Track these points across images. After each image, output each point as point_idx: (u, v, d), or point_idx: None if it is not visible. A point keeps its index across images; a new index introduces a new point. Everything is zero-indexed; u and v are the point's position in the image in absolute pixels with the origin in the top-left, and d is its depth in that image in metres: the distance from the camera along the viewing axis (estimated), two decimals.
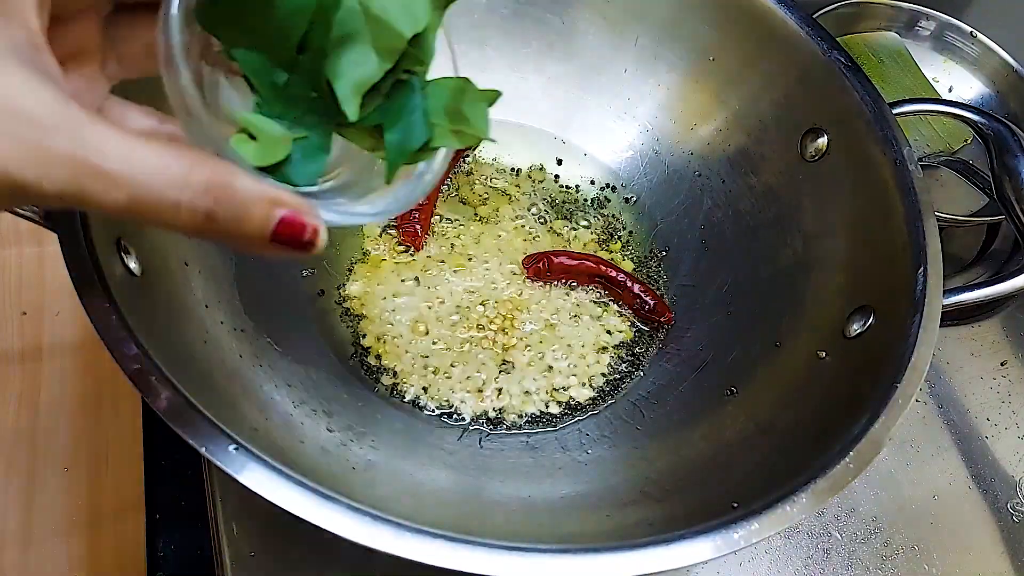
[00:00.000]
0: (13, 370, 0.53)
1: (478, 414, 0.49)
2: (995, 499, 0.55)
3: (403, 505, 0.38)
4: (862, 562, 0.51)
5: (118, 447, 0.51)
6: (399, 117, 0.29)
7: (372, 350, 0.51)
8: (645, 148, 0.60)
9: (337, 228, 0.28)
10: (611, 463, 0.46)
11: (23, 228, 0.57)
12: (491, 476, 0.45)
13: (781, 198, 0.53)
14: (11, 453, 0.50)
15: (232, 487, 0.41)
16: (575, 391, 0.51)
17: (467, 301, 0.53)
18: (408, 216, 0.55)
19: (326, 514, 0.31)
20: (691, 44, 0.56)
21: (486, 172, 0.59)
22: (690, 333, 0.53)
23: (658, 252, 0.57)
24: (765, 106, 0.54)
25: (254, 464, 0.32)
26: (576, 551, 0.32)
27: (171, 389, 0.32)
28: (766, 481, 0.38)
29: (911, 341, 0.40)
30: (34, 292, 0.56)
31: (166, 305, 0.40)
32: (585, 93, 0.60)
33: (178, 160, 0.23)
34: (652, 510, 0.41)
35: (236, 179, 0.23)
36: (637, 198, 0.59)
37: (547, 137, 0.61)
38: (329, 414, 0.44)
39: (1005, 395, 0.60)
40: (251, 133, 0.27)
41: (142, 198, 0.22)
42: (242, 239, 0.24)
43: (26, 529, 0.48)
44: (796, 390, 0.45)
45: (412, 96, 0.29)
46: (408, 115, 0.29)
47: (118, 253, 0.37)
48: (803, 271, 0.50)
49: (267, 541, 0.42)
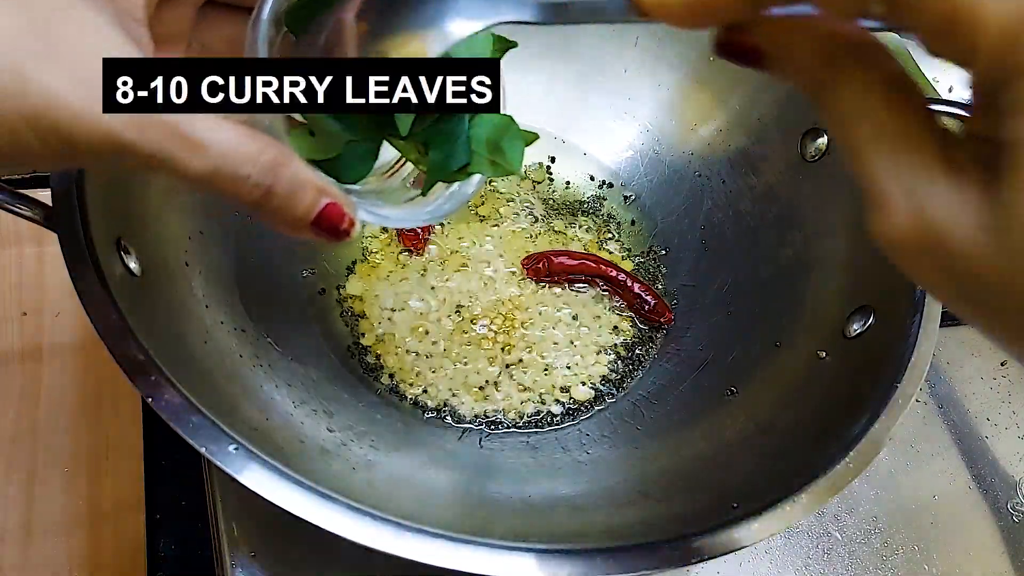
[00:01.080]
0: (13, 370, 0.53)
1: (478, 414, 0.49)
2: (995, 499, 0.55)
3: (403, 505, 0.38)
4: (862, 562, 0.51)
5: (118, 447, 0.51)
6: (445, 140, 0.32)
7: (372, 350, 0.51)
8: (645, 148, 0.60)
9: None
10: (611, 463, 0.46)
11: (23, 228, 0.57)
12: (491, 476, 0.45)
13: (781, 198, 0.53)
14: (11, 453, 0.50)
15: (232, 487, 0.41)
16: (575, 391, 0.51)
17: (467, 301, 0.53)
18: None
19: (326, 514, 0.31)
20: (691, 44, 0.56)
21: None
22: (690, 333, 0.53)
23: (658, 252, 0.57)
24: (765, 106, 0.54)
25: (254, 464, 0.32)
26: (576, 551, 0.32)
27: (171, 389, 0.32)
28: (766, 481, 0.38)
29: (911, 341, 0.40)
30: (34, 292, 0.56)
31: (166, 305, 0.40)
32: (585, 93, 0.60)
33: (252, 139, 0.25)
34: (652, 510, 0.41)
35: (294, 163, 0.26)
36: (637, 198, 0.59)
37: (547, 137, 0.60)
38: (329, 414, 0.44)
39: (1005, 395, 0.60)
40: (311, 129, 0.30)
41: (221, 169, 0.25)
42: (289, 218, 0.27)
43: (26, 529, 0.48)
44: (796, 390, 0.45)
45: (460, 124, 0.32)
46: (454, 140, 0.32)
47: (118, 253, 0.37)
48: (803, 271, 0.50)
49: (267, 541, 0.42)
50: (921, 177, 0.18)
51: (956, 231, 0.18)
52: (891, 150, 0.19)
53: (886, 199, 0.19)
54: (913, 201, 0.19)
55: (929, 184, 0.18)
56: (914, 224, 0.19)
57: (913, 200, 0.19)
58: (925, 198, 0.18)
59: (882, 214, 0.19)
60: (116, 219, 0.38)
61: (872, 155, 0.19)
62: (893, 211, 0.19)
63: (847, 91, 0.20)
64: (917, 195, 0.18)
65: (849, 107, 0.20)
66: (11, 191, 0.37)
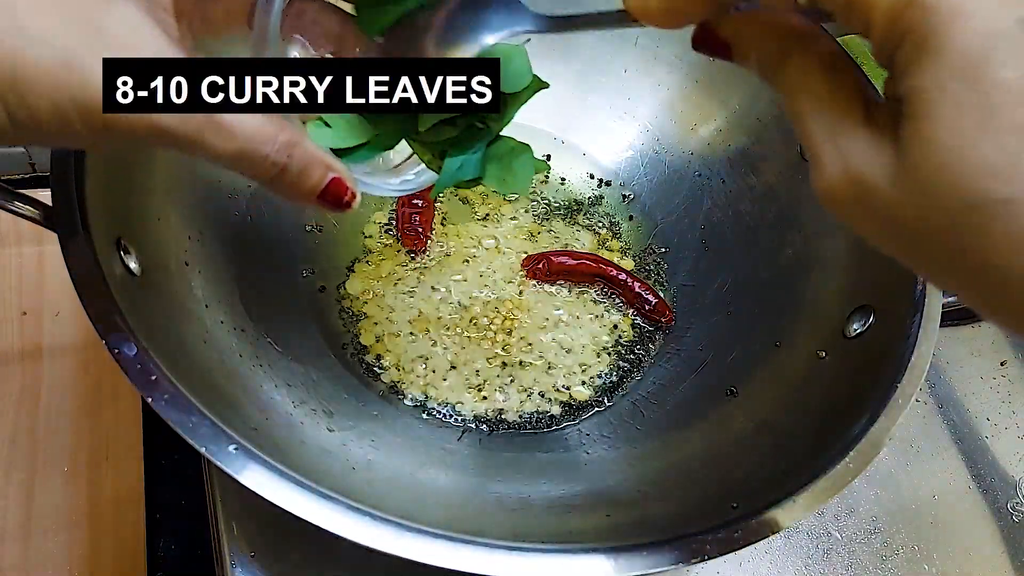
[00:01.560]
0: (13, 370, 0.53)
1: (478, 414, 0.49)
2: (995, 499, 0.55)
3: (403, 505, 0.38)
4: (862, 562, 0.51)
5: (118, 447, 0.51)
6: (462, 151, 0.35)
7: (372, 349, 0.51)
8: (645, 148, 0.60)
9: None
10: (611, 463, 0.46)
11: (23, 228, 0.57)
12: (491, 476, 0.45)
13: (781, 198, 0.53)
14: (11, 452, 0.50)
15: (232, 487, 0.41)
16: (575, 391, 0.51)
17: (467, 301, 0.53)
18: (409, 219, 0.55)
19: (326, 514, 0.31)
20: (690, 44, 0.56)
21: None
22: (690, 333, 0.53)
23: (658, 252, 0.57)
24: (765, 106, 0.54)
25: (254, 464, 0.32)
26: (576, 551, 0.32)
27: (171, 389, 0.32)
28: (766, 481, 0.38)
29: (911, 341, 0.40)
30: (34, 292, 0.56)
31: (166, 305, 0.40)
32: (585, 93, 0.60)
33: (270, 122, 0.27)
34: (652, 510, 0.41)
35: (305, 142, 0.29)
36: (637, 198, 0.59)
37: (547, 137, 0.60)
38: (329, 414, 0.44)
39: (1005, 395, 0.60)
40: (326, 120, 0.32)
41: (245, 149, 0.27)
42: (299, 191, 0.29)
43: (26, 528, 0.48)
44: (796, 390, 0.45)
45: (480, 141, 0.35)
46: (470, 153, 0.35)
47: (118, 253, 0.37)
48: (803, 271, 0.50)
49: (267, 541, 0.42)
50: (848, 136, 0.22)
51: (876, 180, 0.21)
52: (824, 116, 0.22)
53: (821, 157, 0.22)
54: (841, 157, 0.22)
55: (854, 141, 0.22)
56: (842, 177, 0.22)
57: (841, 156, 0.22)
58: (850, 154, 0.22)
59: (819, 171, 0.22)
60: (116, 219, 0.38)
61: (810, 121, 0.23)
62: (827, 167, 0.22)
63: (791, 69, 0.23)
64: (844, 151, 0.22)
65: (792, 82, 0.23)
66: (11, 191, 0.37)
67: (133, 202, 0.41)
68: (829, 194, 0.22)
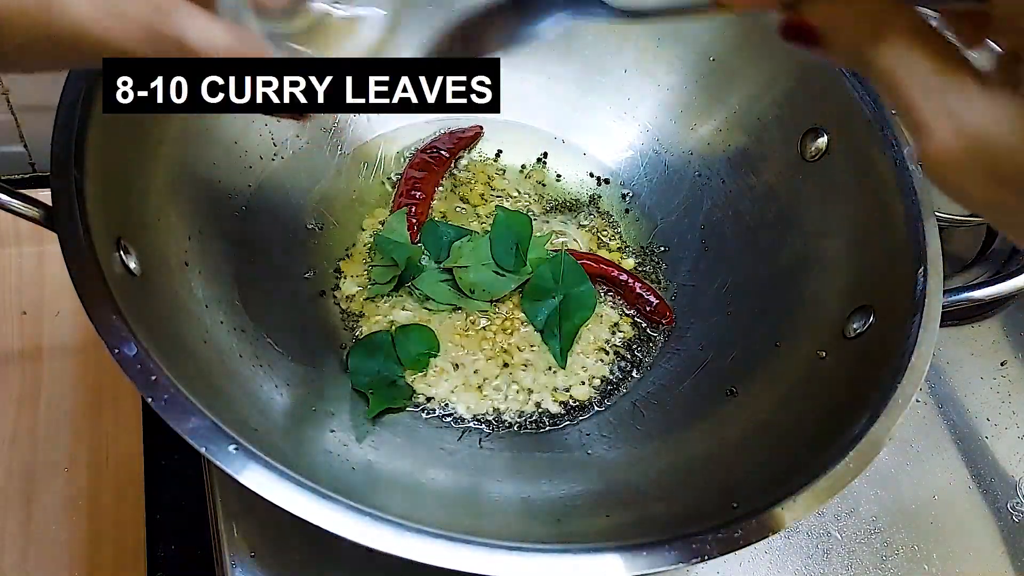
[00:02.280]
0: (13, 370, 0.53)
1: (478, 414, 0.49)
2: (995, 499, 0.55)
3: (403, 505, 0.38)
4: (862, 562, 0.51)
5: (118, 447, 0.51)
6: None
7: None
8: (645, 148, 0.60)
9: None
10: (610, 463, 0.46)
11: (23, 228, 0.57)
12: (491, 476, 0.45)
13: (781, 198, 0.53)
14: (11, 452, 0.50)
15: (232, 487, 0.41)
16: (575, 391, 0.51)
17: None
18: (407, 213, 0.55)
19: (326, 514, 0.31)
20: (691, 44, 0.56)
21: (486, 172, 0.59)
22: (690, 333, 0.53)
23: (658, 252, 0.57)
24: (765, 106, 0.54)
25: (254, 464, 0.32)
26: (576, 551, 0.32)
27: (171, 389, 0.32)
28: (766, 481, 0.38)
29: (911, 341, 0.40)
30: (34, 292, 0.56)
31: (166, 305, 0.40)
32: (585, 93, 0.60)
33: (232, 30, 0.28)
34: (652, 510, 0.41)
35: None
36: (637, 198, 0.59)
37: (547, 137, 0.60)
38: (329, 414, 0.44)
39: (1005, 395, 0.60)
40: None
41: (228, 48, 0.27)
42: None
43: (25, 529, 0.48)
44: (796, 390, 0.45)
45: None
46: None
47: (118, 253, 0.37)
48: (803, 271, 0.50)
49: (267, 541, 0.42)
50: (960, 99, 0.22)
51: (998, 137, 0.22)
52: (930, 82, 0.23)
53: (929, 123, 0.23)
54: (954, 119, 0.22)
55: (967, 102, 0.22)
56: (957, 138, 0.22)
57: (954, 119, 0.22)
58: (965, 114, 0.22)
59: (928, 139, 0.23)
60: (116, 219, 0.38)
61: (912, 91, 0.23)
62: (937, 131, 0.22)
63: (885, 46, 0.24)
64: (957, 113, 0.22)
65: (891, 57, 0.23)
66: (11, 191, 0.37)
67: (133, 202, 0.41)
68: (940, 157, 0.22)
